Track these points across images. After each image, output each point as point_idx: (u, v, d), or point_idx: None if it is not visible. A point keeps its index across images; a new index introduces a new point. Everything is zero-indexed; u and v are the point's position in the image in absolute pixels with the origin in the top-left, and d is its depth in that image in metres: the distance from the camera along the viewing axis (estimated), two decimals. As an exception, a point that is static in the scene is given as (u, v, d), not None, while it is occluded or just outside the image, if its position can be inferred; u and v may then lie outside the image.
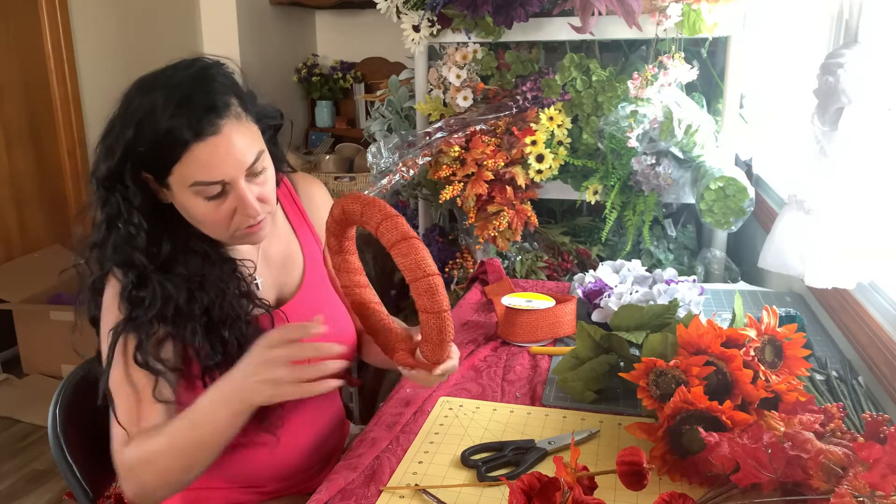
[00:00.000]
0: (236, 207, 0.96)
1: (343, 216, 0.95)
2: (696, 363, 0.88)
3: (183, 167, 0.92)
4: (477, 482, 0.87)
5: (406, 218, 0.91)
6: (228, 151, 0.93)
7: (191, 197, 0.95)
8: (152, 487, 0.93)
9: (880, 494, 0.65)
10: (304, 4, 4.04)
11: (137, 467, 0.92)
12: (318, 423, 1.17)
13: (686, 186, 1.73)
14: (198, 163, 0.92)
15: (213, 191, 0.94)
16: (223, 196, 0.95)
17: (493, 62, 1.92)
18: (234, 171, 0.94)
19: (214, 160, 0.92)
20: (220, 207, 0.96)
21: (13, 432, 2.61)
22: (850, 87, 1.00)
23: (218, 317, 0.99)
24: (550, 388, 1.11)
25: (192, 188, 0.93)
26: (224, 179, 0.94)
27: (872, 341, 1.07)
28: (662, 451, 0.84)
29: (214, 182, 0.93)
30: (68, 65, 3.18)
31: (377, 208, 0.90)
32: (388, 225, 0.88)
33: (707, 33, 1.66)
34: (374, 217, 0.89)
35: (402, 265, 0.87)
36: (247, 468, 1.10)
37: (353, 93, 4.24)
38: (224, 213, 0.96)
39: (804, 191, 1.12)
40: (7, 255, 3.12)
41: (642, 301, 1.24)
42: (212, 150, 0.92)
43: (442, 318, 0.88)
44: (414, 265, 0.86)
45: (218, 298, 1.00)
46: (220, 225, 0.97)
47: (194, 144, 0.91)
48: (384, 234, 0.88)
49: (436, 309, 0.87)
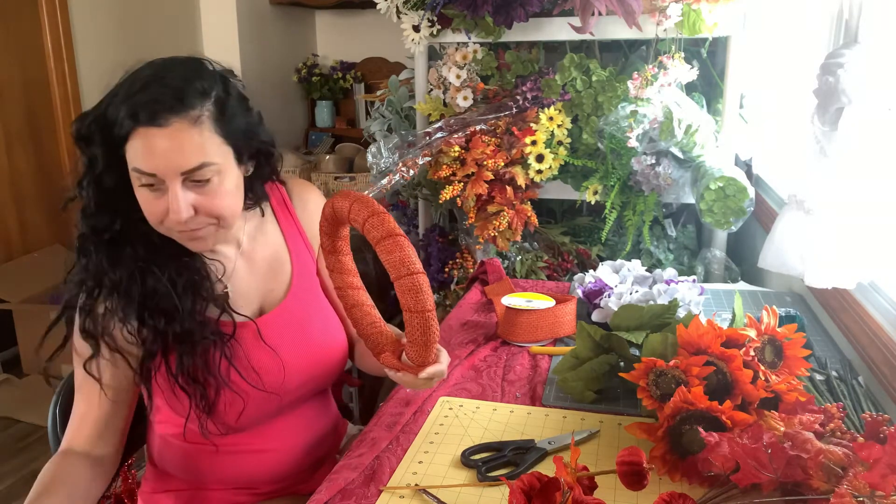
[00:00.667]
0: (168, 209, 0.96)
1: (333, 214, 0.94)
2: (696, 363, 0.88)
3: (129, 148, 0.93)
4: (477, 482, 0.87)
5: (406, 218, 0.91)
6: (167, 148, 0.92)
7: (134, 179, 0.96)
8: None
9: (880, 494, 0.65)
10: (304, 4, 4.04)
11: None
12: (313, 426, 1.17)
13: (686, 186, 1.73)
14: (136, 148, 0.93)
15: (147, 180, 0.94)
16: (158, 191, 0.95)
17: (493, 62, 1.92)
18: (165, 169, 0.93)
19: (150, 151, 0.92)
20: (155, 200, 0.96)
21: (13, 432, 2.61)
22: (850, 87, 1.00)
23: (155, 305, 0.99)
24: (550, 388, 1.11)
25: (132, 171, 0.95)
26: (156, 174, 0.93)
27: (872, 341, 1.07)
28: (662, 451, 0.84)
29: (146, 173, 0.93)
30: (68, 65, 3.18)
31: (364, 205, 0.89)
32: (374, 221, 0.87)
33: (707, 33, 1.66)
34: (361, 214, 0.88)
35: (387, 262, 0.86)
36: (241, 470, 1.11)
37: (353, 93, 4.25)
38: (159, 208, 0.96)
39: (804, 191, 1.12)
40: (7, 255, 3.12)
41: (642, 301, 1.24)
42: (150, 140, 0.92)
43: (426, 318, 0.87)
44: (398, 262, 0.85)
45: (161, 288, 1.00)
46: (155, 217, 0.97)
47: (136, 129, 0.92)
48: (370, 231, 0.87)
49: (419, 308, 0.86)
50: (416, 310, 0.86)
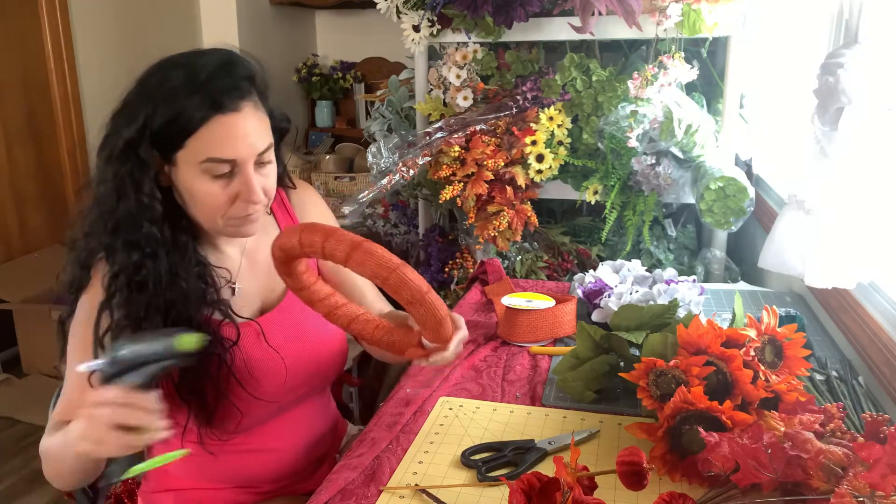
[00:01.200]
0: (238, 193, 0.97)
1: (284, 254, 0.90)
2: (696, 363, 0.88)
3: (197, 141, 0.93)
4: (477, 482, 0.87)
5: (406, 218, 0.91)
6: (245, 132, 0.94)
7: (197, 175, 0.95)
8: (49, 478, 0.99)
9: (880, 494, 0.65)
10: (304, 4, 4.04)
11: (43, 456, 0.97)
12: (314, 426, 1.17)
13: (686, 186, 1.73)
14: (213, 137, 0.93)
15: (223, 169, 0.95)
16: (229, 178, 0.96)
17: (493, 62, 1.92)
18: (245, 153, 0.95)
19: (230, 137, 0.93)
20: (223, 190, 0.96)
21: (13, 432, 2.61)
22: (850, 87, 1.00)
23: (173, 320, 0.98)
24: (550, 388, 1.11)
25: (202, 164, 0.94)
26: (235, 159, 0.94)
27: (872, 341, 1.07)
28: (662, 451, 0.84)
29: (226, 160, 0.94)
30: (68, 65, 3.18)
31: (315, 232, 0.85)
32: (333, 242, 0.84)
33: (707, 33, 1.66)
34: (315, 241, 0.85)
35: (366, 273, 0.83)
36: (241, 469, 1.11)
37: (353, 93, 4.24)
38: (226, 197, 0.96)
39: (804, 191, 1.12)
40: (7, 255, 3.12)
41: (642, 301, 1.24)
42: (229, 126, 0.93)
43: (427, 302, 0.85)
44: (376, 268, 0.83)
45: (179, 300, 0.99)
46: (219, 209, 0.97)
47: (214, 117, 0.92)
48: (333, 253, 0.84)
49: (417, 297, 0.84)
50: (413, 300, 0.85)
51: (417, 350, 0.95)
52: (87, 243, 1.01)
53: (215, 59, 0.97)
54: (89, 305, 0.98)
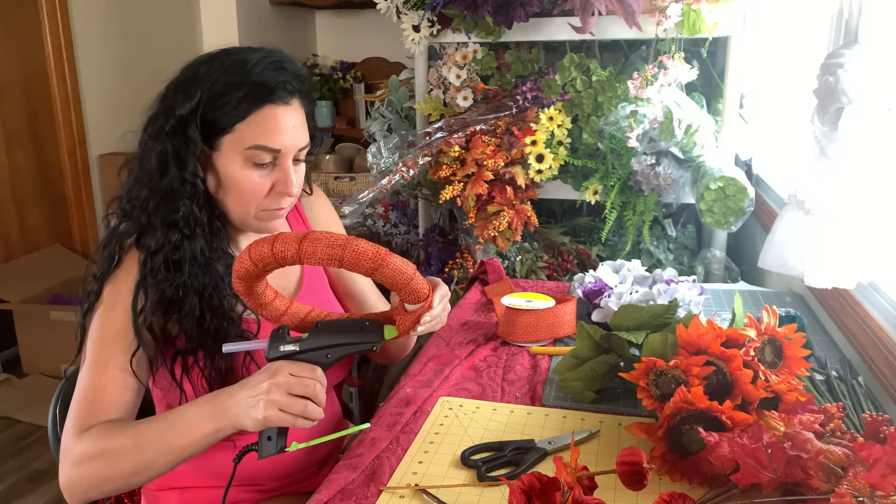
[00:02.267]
0: (275, 184, 1.00)
1: (255, 267, 0.85)
2: (696, 363, 0.88)
3: (247, 126, 0.96)
4: (477, 482, 0.87)
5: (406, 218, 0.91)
6: (292, 125, 0.98)
7: (240, 161, 0.98)
8: (101, 482, 0.91)
9: (880, 494, 0.65)
10: (304, 4, 4.04)
11: (94, 459, 0.90)
12: (317, 424, 1.17)
13: (686, 186, 1.73)
14: (263, 125, 0.96)
15: (265, 158, 0.98)
16: (269, 168, 0.99)
17: (493, 62, 1.92)
18: (289, 145, 0.98)
19: (278, 127, 0.97)
20: (262, 179, 0.99)
21: (13, 432, 2.61)
22: (850, 87, 1.00)
23: (207, 303, 0.99)
24: (550, 388, 1.11)
25: (247, 150, 0.97)
26: (280, 149, 0.98)
27: (872, 341, 1.07)
28: (662, 451, 0.84)
29: (271, 149, 0.97)
30: (68, 65, 3.18)
31: (262, 244, 0.84)
32: (279, 245, 0.83)
33: (707, 33, 1.66)
34: (265, 252, 0.83)
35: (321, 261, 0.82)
36: (246, 467, 1.10)
37: (353, 93, 4.25)
38: (263, 187, 1.00)
39: (804, 191, 1.12)
40: (7, 255, 3.12)
41: (642, 301, 1.24)
42: (280, 116, 0.97)
43: (389, 265, 0.83)
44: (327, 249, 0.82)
45: (211, 285, 1.00)
46: (255, 198, 1.00)
47: (266, 106, 0.96)
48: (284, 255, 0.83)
49: (377, 263, 0.83)
50: (375, 266, 0.83)
51: (405, 318, 0.93)
52: (124, 222, 1.01)
53: (270, 54, 1.01)
54: (120, 290, 0.98)
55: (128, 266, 0.99)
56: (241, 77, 0.96)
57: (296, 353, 0.90)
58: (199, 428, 0.89)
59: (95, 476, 0.91)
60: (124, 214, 1.01)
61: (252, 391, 0.87)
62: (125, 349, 0.96)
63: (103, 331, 0.97)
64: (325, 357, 0.90)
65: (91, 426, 0.93)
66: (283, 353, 0.90)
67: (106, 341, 0.97)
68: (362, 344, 0.92)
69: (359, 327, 0.92)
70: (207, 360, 1.00)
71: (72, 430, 0.93)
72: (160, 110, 1.00)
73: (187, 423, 0.90)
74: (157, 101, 1.01)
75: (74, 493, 0.92)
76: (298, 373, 0.87)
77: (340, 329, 0.92)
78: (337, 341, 0.91)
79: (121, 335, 0.96)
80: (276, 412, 0.86)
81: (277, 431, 0.89)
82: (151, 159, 0.98)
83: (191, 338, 0.99)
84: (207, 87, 0.96)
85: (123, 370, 0.96)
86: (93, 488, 0.92)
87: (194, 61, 1.01)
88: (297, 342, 0.90)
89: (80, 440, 0.92)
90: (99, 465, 0.90)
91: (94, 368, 0.96)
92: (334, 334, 0.91)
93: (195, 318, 0.99)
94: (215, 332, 1.00)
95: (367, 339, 0.92)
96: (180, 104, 0.97)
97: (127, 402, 0.97)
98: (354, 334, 0.92)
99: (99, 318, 0.98)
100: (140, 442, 0.90)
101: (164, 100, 1.00)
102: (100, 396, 0.95)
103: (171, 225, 0.97)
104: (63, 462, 0.92)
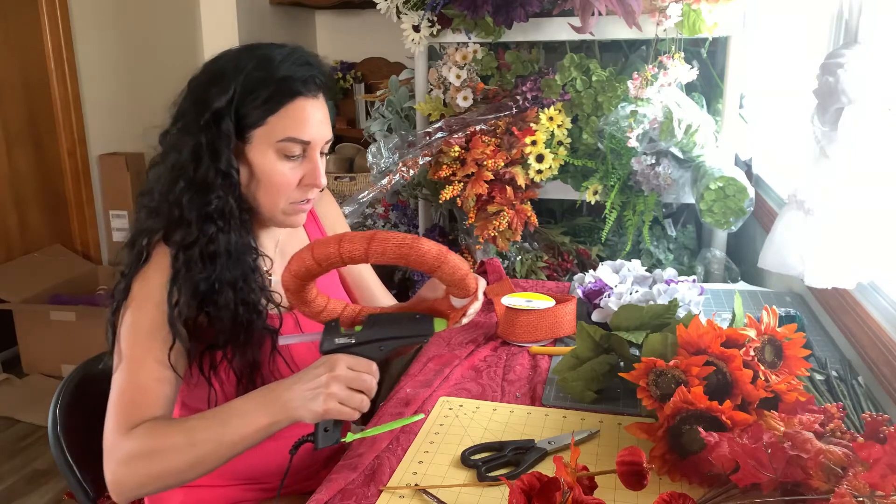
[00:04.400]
0: (303, 177, 1.02)
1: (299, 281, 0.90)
2: (696, 363, 0.88)
3: (280, 119, 0.98)
4: (477, 482, 0.87)
5: (406, 218, 0.92)
6: (321, 117, 1.01)
7: (272, 154, 1.00)
8: (152, 479, 0.91)
9: (880, 494, 0.65)
10: (304, 4, 4.04)
11: (144, 457, 0.90)
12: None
13: (686, 186, 1.73)
14: (296, 117, 0.98)
15: (296, 150, 1.00)
16: (299, 160, 1.01)
17: (493, 62, 1.92)
18: (319, 137, 1.01)
19: (310, 120, 1.00)
20: (292, 171, 1.01)
21: (13, 432, 2.61)
22: (850, 87, 1.00)
23: (240, 297, 1.00)
24: (550, 388, 1.11)
25: (279, 143, 0.99)
26: (310, 141, 1.00)
27: (872, 341, 1.07)
28: (662, 451, 0.84)
29: (302, 141, 1.00)
30: (68, 65, 3.18)
31: (325, 245, 0.87)
32: (347, 245, 0.86)
33: (707, 33, 1.66)
34: (331, 251, 0.86)
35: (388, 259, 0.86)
36: (251, 465, 1.11)
37: (353, 93, 4.24)
38: (293, 179, 1.02)
39: (804, 191, 1.12)
40: (7, 255, 3.12)
41: (642, 301, 1.24)
42: (311, 109, 1.00)
43: (449, 262, 0.88)
44: (396, 249, 0.85)
45: (242, 278, 1.01)
46: (286, 190, 1.02)
47: (299, 99, 0.99)
48: (353, 254, 0.86)
49: (439, 261, 0.87)
50: (437, 265, 0.87)
51: (456, 312, 0.97)
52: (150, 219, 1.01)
53: (296, 50, 1.03)
54: (151, 286, 0.97)
55: (156, 261, 0.99)
56: (272, 71, 0.98)
57: (350, 346, 0.92)
58: (254, 422, 0.90)
59: (147, 474, 0.90)
60: (150, 211, 1.01)
61: (310, 384, 0.89)
62: (161, 343, 0.96)
63: (137, 327, 0.97)
64: (378, 350, 0.92)
65: (136, 423, 0.92)
66: (338, 346, 0.92)
67: (141, 337, 0.96)
68: (414, 337, 0.94)
69: (411, 320, 0.95)
70: (238, 354, 1.01)
71: (116, 428, 0.92)
72: (190, 105, 1.00)
73: (242, 417, 0.90)
74: (182, 97, 1.02)
75: (123, 492, 0.91)
76: (356, 367, 0.90)
77: (393, 322, 0.94)
78: (391, 334, 0.93)
79: (154, 330, 0.96)
80: (335, 405, 0.88)
81: (333, 423, 0.91)
82: (184, 153, 0.99)
83: (223, 331, 1.00)
84: (241, 81, 0.98)
85: (161, 364, 0.95)
86: (143, 486, 0.91)
87: (220, 57, 1.02)
88: (350, 335, 0.93)
89: (127, 438, 0.90)
90: (150, 463, 0.90)
91: (132, 364, 0.95)
92: (387, 327, 0.93)
93: (230, 311, 0.99)
94: (247, 325, 1.00)
95: (420, 331, 0.94)
96: (215, 97, 0.98)
97: (167, 395, 0.96)
98: (407, 327, 0.94)
99: (131, 315, 0.98)
100: (192, 438, 0.90)
101: (194, 94, 1.01)
102: (140, 392, 0.94)
103: (207, 217, 0.98)
104: (109, 460, 0.91)
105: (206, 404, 1.05)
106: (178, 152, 0.99)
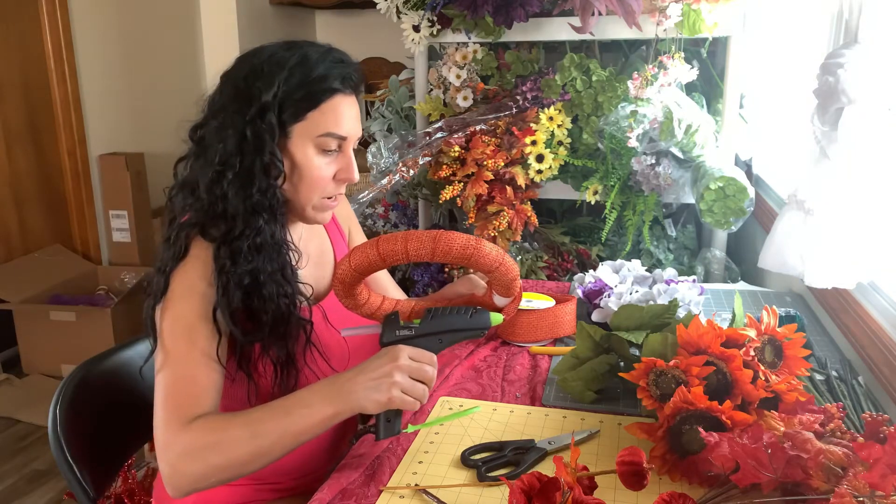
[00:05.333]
0: (338, 171, 1.04)
1: (357, 274, 0.94)
2: (696, 363, 0.88)
3: (320, 114, 1.00)
4: (477, 482, 0.87)
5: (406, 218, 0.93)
6: (355, 114, 1.04)
7: (309, 149, 1.01)
8: (214, 472, 0.89)
9: (880, 494, 0.65)
10: (304, 4, 4.04)
11: (206, 450, 0.89)
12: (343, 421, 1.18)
13: (686, 186, 1.73)
14: (335, 113, 1.00)
15: (333, 145, 1.02)
16: (334, 155, 1.03)
17: (493, 62, 1.92)
18: (354, 132, 1.04)
19: (348, 115, 1.02)
20: (328, 166, 1.03)
21: (13, 432, 2.61)
22: (850, 87, 1.00)
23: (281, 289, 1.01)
24: (550, 388, 1.11)
25: (318, 138, 1.01)
26: (347, 136, 1.02)
27: (872, 341, 1.07)
28: (662, 451, 0.84)
29: (340, 136, 1.02)
30: (68, 65, 3.18)
31: (393, 241, 0.91)
32: (414, 243, 0.91)
33: (707, 33, 1.66)
34: (398, 248, 0.91)
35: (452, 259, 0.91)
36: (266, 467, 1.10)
37: (354, 93, 4.25)
38: (328, 173, 1.03)
39: (804, 191, 1.12)
40: (7, 255, 3.12)
41: (642, 301, 1.24)
42: (348, 105, 1.03)
43: (505, 265, 0.93)
44: (461, 250, 0.90)
45: (280, 270, 1.02)
46: (323, 184, 1.03)
47: (338, 95, 1.01)
48: (419, 252, 0.91)
49: (497, 263, 0.92)
50: (494, 266, 0.92)
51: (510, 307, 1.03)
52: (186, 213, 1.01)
53: (330, 48, 1.05)
54: (191, 280, 0.97)
55: (195, 255, 0.99)
56: (311, 68, 1.00)
57: (411, 338, 0.94)
58: (319, 412, 0.90)
59: (208, 467, 0.89)
60: (185, 206, 1.01)
61: (374, 374, 0.90)
62: (206, 336, 0.96)
63: (180, 321, 0.96)
64: (438, 343, 0.94)
65: (191, 415, 0.91)
66: (399, 337, 0.94)
67: (185, 330, 0.96)
68: (473, 331, 0.96)
69: (469, 314, 0.97)
70: (277, 346, 1.01)
71: (172, 422, 0.91)
72: (230, 99, 1.00)
73: (307, 408, 0.90)
74: (219, 92, 1.02)
75: (182, 485, 0.90)
76: (418, 358, 0.91)
77: (452, 315, 0.96)
78: (450, 327, 0.95)
79: (198, 323, 0.96)
80: (398, 394, 0.88)
81: (395, 413, 0.92)
82: (228, 146, 0.99)
83: (266, 324, 1.00)
84: (284, 76, 0.99)
85: (207, 356, 0.95)
86: (204, 479, 0.90)
87: (259, 52, 1.02)
88: (410, 328, 0.95)
89: (185, 431, 0.90)
90: (212, 456, 0.89)
91: (179, 358, 0.95)
92: (447, 320, 0.95)
93: (274, 303, 1.00)
94: (287, 317, 1.01)
95: (477, 325, 0.96)
96: (261, 92, 0.98)
97: (216, 387, 0.96)
98: (466, 320, 0.96)
99: (172, 310, 0.97)
100: (256, 430, 0.90)
101: (235, 88, 1.00)
102: (191, 383, 0.94)
103: (253, 209, 0.99)
104: (167, 453, 0.90)
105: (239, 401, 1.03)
106: (222, 145, 0.99)
